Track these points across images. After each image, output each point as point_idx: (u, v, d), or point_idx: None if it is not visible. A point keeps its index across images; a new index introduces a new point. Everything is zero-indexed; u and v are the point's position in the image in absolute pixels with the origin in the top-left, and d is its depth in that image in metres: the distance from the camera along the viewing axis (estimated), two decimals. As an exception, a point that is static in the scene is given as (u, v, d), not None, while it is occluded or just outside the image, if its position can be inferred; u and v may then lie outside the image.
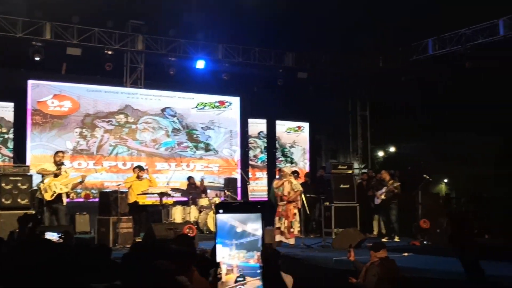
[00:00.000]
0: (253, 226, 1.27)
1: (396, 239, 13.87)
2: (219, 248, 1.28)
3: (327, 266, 9.82)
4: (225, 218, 1.27)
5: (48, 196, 11.79)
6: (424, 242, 12.94)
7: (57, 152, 12.51)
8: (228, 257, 1.26)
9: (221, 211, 1.29)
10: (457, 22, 16.84)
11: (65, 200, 12.11)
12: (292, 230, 12.72)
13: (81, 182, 13.18)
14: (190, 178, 16.20)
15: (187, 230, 11.12)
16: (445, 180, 40.87)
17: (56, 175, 11.94)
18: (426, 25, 17.07)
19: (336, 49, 19.41)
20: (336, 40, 18.46)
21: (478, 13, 15.98)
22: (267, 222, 14.64)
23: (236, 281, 1.27)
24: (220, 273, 1.30)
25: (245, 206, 1.32)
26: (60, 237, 6.40)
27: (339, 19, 16.78)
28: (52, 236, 6.47)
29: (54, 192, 11.81)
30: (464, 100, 18.14)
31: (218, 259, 1.29)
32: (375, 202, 14.72)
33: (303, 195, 13.32)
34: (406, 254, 10.57)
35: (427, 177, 14.08)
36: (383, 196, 14.22)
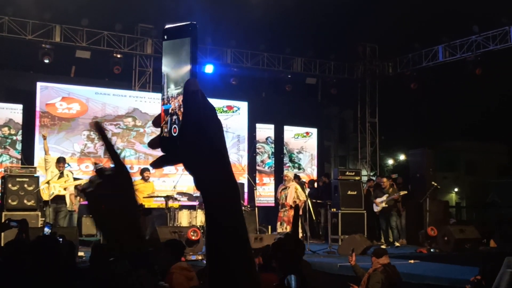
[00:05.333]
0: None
1: (397, 244, 13.80)
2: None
3: (331, 271, 9.74)
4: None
5: (45, 196, 11.79)
6: (431, 249, 12.82)
7: (58, 161, 12.31)
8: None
9: (166, 36, 1.01)
10: (468, 29, 16.77)
11: (69, 202, 12.04)
12: (295, 236, 12.63)
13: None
14: None
15: (191, 233, 11.06)
16: (455, 189, 40.67)
17: (58, 177, 11.94)
18: (437, 31, 17.02)
19: (345, 55, 19.39)
20: (345, 46, 18.45)
21: (489, 20, 15.91)
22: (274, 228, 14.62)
23: None
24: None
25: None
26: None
27: (349, 26, 16.76)
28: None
29: (53, 193, 11.80)
30: (473, 108, 18.09)
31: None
32: (374, 210, 14.56)
33: (309, 201, 13.26)
34: (412, 261, 10.48)
35: (435, 184, 13.97)
36: (383, 204, 14.08)
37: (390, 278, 6.79)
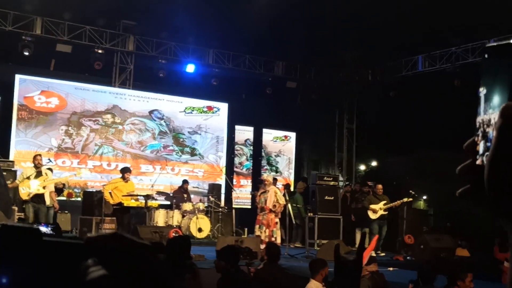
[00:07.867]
0: None
1: (381, 254, 13.83)
2: None
3: (312, 277, 9.75)
4: None
5: (24, 196, 11.57)
6: (408, 257, 12.95)
7: (35, 156, 12.12)
8: None
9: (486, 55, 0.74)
10: (448, 41, 17.00)
11: (48, 200, 11.81)
12: (273, 239, 12.62)
13: (63, 186, 13.21)
14: (185, 182, 15.96)
15: (173, 234, 11.00)
16: (424, 197, 41.20)
17: (35, 176, 11.70)
18: (417, 41, 17.21)
19: (326, 60, 19.48)
20: (327, 51, 18.54)
21: (469, 33, 16.17)
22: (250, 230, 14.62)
23: None
24: None
25: None
26: (51, 230, 6.30)
27: (331, 31, 16.85)
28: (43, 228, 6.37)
29: (30, 192, 11.56)
30: (448, 118, 18.26)
31: None
32: (370, 216, 14.37)
33: (289, 205, 13.29)
34: (391, 268, 10.57)
35: (413, 192, 14.11)
36: (382, 212, 13.91)
37: (377, 286, 6.85)
